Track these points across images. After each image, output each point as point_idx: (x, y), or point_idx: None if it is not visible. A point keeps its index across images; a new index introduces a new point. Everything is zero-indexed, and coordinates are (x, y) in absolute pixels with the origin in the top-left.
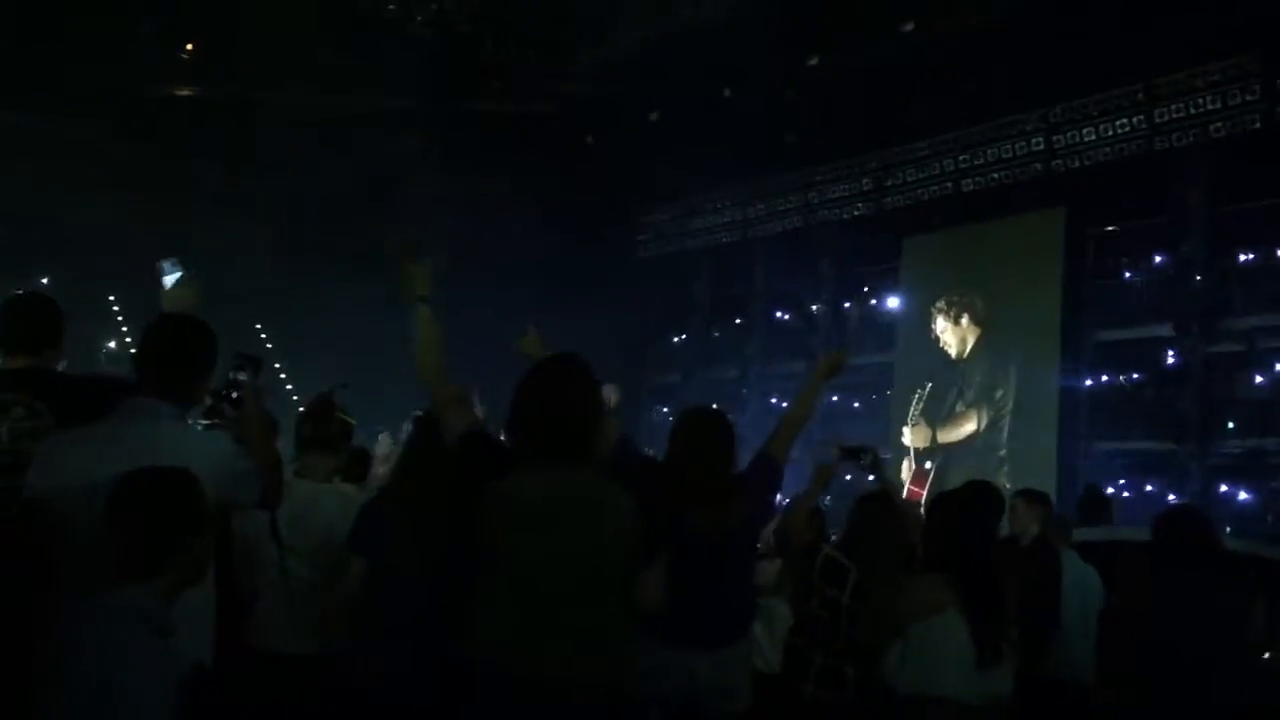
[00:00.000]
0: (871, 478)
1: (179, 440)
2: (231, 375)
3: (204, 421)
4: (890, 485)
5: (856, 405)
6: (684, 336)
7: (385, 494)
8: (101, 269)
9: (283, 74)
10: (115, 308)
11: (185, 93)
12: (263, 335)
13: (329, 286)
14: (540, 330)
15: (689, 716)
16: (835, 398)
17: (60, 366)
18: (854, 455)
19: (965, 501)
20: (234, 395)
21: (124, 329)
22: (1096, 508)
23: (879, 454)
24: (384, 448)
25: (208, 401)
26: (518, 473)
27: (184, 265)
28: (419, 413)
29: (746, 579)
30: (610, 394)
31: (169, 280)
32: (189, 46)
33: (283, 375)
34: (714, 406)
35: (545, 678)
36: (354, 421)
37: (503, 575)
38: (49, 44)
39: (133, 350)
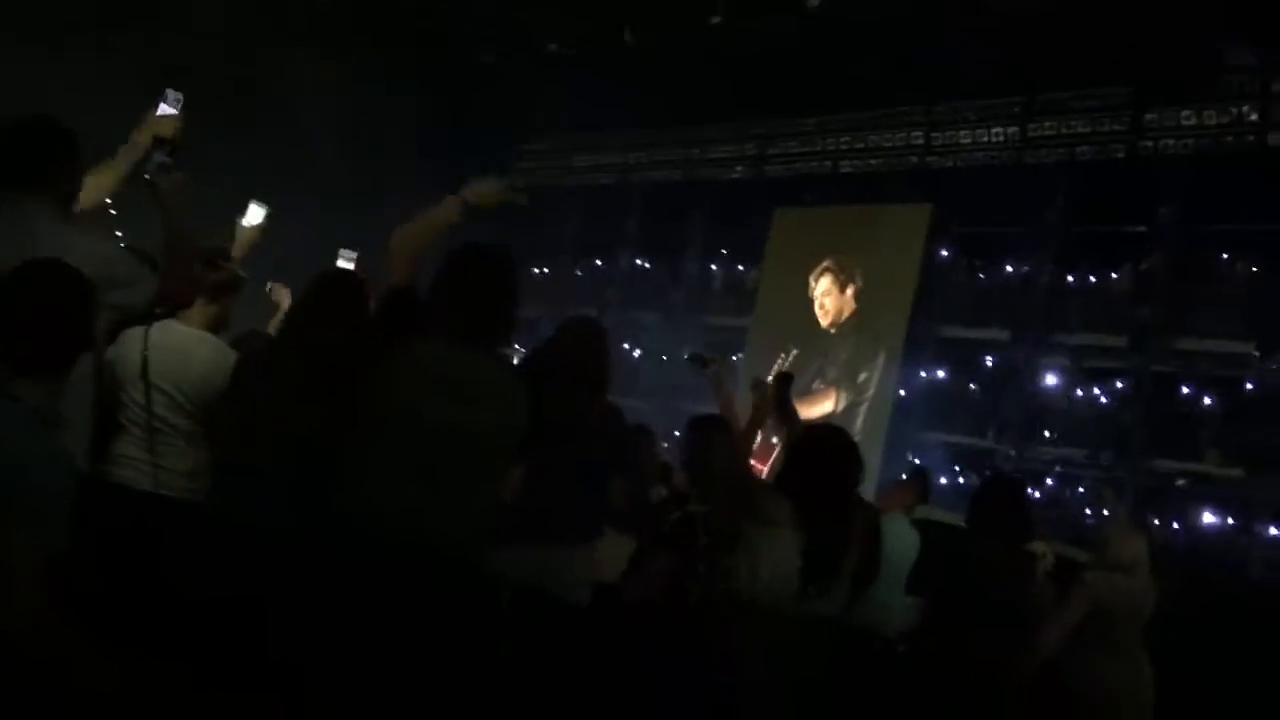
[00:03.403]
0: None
1: (60, 238)
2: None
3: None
4: (728, 401)
5: None
6: (546, 271)
7: (273, 343)
8: None
9: None
10: None
11: None
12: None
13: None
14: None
15: (536, 603)
16: (687, 355)
17: None
18: (702, 362)
19: (842, 438)
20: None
21: None
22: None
23: (731, 365)
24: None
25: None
26: (432, 341)
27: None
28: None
29: (600, 485)
30: None
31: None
32: None
33: None
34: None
35: (409, 540)
36: (245, 275)
37: (392, 436)
38: None
39: None
